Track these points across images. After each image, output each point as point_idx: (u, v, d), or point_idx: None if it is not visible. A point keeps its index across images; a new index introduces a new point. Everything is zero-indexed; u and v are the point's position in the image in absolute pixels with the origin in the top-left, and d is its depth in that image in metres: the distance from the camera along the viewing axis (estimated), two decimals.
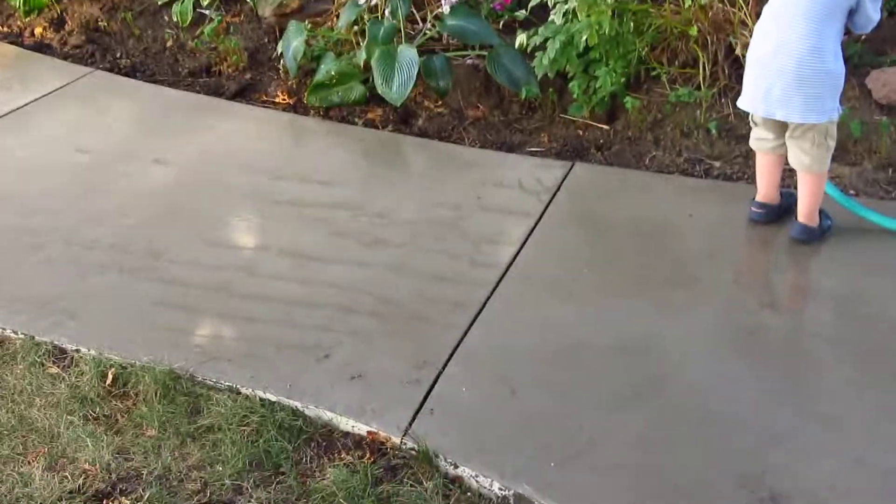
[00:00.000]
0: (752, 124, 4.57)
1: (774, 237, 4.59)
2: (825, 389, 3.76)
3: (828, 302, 4.23)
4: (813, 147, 4.33)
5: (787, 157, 4.51)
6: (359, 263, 4.43)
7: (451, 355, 3.91)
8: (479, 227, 4.66)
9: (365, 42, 5.55)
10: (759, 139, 4.54)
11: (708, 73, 5.55)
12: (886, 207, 4.69)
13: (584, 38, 5.39)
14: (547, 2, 5.53)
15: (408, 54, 5.39)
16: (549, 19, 5.59)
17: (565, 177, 5.00)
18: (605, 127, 5.50)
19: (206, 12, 6.32)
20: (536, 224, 4.64)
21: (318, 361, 3.89)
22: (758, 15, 5.64)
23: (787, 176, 4.71)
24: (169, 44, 6.18)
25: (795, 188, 4.59)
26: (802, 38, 4.11)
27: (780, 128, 4.41)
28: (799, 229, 4.52)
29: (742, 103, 4.43)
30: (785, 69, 4.16)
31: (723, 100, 5.51)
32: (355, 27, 5.83)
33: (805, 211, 4.49)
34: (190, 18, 6.24)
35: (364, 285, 4.30)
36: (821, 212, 4.52)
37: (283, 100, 5.68)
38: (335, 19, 6.03)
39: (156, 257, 4.50)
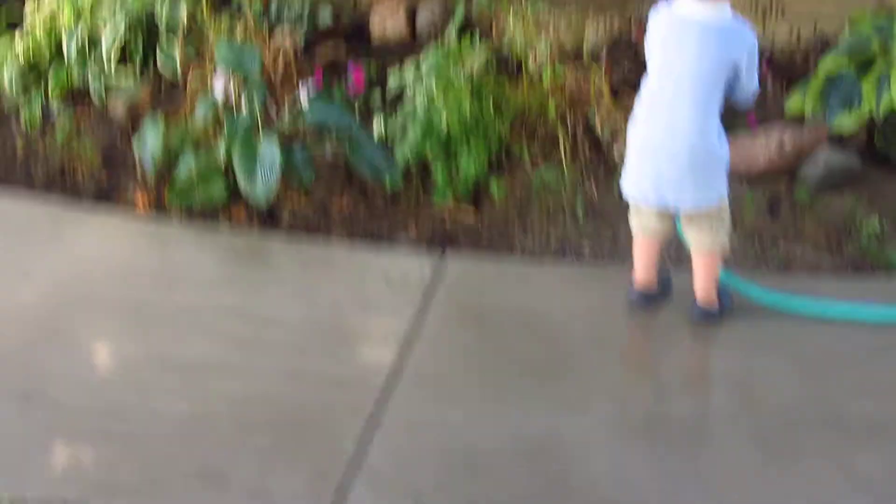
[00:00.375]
0: (633, 209, 4.56)
1: (657, 320, 4.64)
2: (728, 473, 3.81)
3: (721, 383, 4.32)
4: (711, 229, 4.37)
5: (666, 239, 4.57)
6: (246, 372, 4.32)
7: (352, 467, 3.83)
8: (360, 326, 4.63)
9: (223, 137, 5.44)
10: (642, 224, 4.55)
11: (568, 149, 5.60)
12: (757, 278, 4.80)
13: (445, 121, 5.39)
14: (405, 86, 5.52)
15: (269, 149, 5.29)
16: (406, 104, 5.59)
17: (439, 269, 4.97)
18: (471, 213, 5.49)
19: (54, 113, 6.14)
20: (419, 319, 4.60)
21: (216, 484, 3.78)
22: (611, 87, 5.78)
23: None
24: (20, 150, 5.98)
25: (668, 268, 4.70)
26: (689, 122, 4.12)
27: (667, 212, 4.44)
28: (699, 313, 4.56)
29: (629, 191, 4.42)
30: (676, 156, 4.16)
31: (586, 178, 5.56)
32: (210, 121, 5.71)
33: (704, 292, 4.52)
34: (39, 122, 6.07)
35: (255, 396, 4.20)
36: (719, 291, 4.56)
37: (144, 201, 5.53)
38: (189, 114, 5.91)
39: (37, 381, 4.30)
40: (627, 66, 6.51)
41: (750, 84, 4.26)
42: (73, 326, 4.61)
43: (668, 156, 4.19)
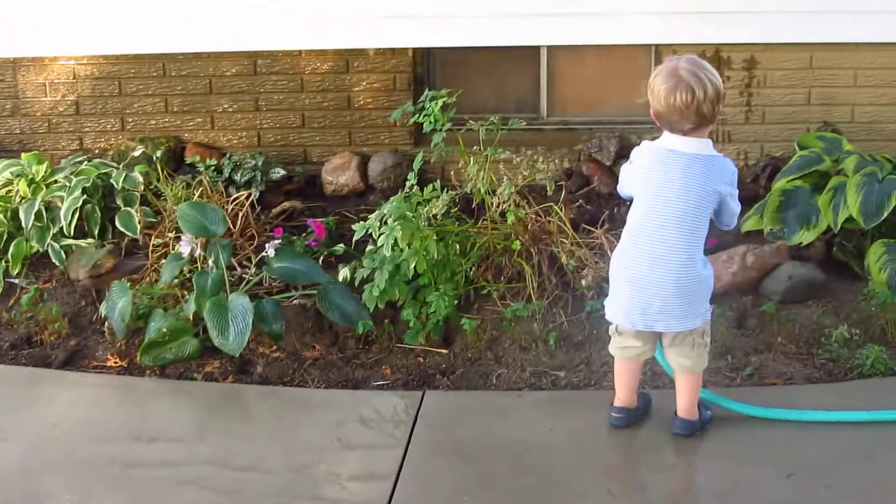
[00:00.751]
0: (614, 334, 4.61)
1: (639, 437, 4.66)
2: None
3: (708, 496, 4.29)
4: (693, 350, 4.45)
5: (646, 359, 4.63)
6: None
7: None
8: (347, 468, 4.54)
9: (193, 295, 5.46)
10: (625, 347, 4.58)
11: (535, 284, 5.66)
12: (735, 393, 4.86)
13: (413, 265, 5.44)
14: (371, 233, 5.57)
15: (240, 302, 5.33)
16: (370, 249, 5.64)
17: (419, 407, 4.96)
18: (444, 351, 5.52)
19: (16, 282, 6.13)
20: (403, 458, 4.55)
21: None
22: (572, 222, 5.87)
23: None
24: None
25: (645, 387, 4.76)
26: (676, 251, 4.24)
27: (650, 336, 4.50)
28: (680, 424, 4.58)
29: (615, 318, 4.50)
30: (663, 283, 4.26)
31: (554, 309, 5.61)
32: (176, 280, 5.73)
33: (686, 406, 4.57)
34: (0, 290, 6.05)
35: None
36: (699, 404, 4.60)
37: (115, 363, 5.49)
38: (154, 274, 5.93)
39: None
40: (584, 200, 6.65)
41: (735, 207, 4.43)
42: (54, 487, 4.49)
43: (656, 285, 4.30)
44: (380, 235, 5.51)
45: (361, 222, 5.68)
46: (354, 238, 5.77)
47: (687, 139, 4.25)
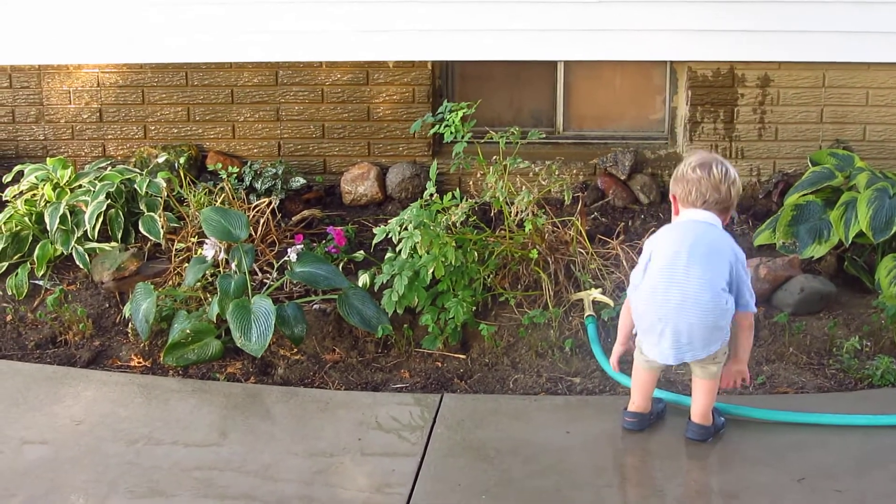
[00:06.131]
0: (640, 353, 4.74)
1: (654, 443, 4.75)
2: None
3: (720, 499, 4.39)
4: (714, 363, 4.60)
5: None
6: None
7: None
8: (367, 468, 4.63)
9: (216, 297, 5.55)
10: (648, 362, 4.71)
11: (552, 293, 5.75)
12: (748, 401, 5.00)
13: (431, 270, 5.54)
14: (392, 238, 5.66)
15: (263, 305, 5.42)
16: (389, 255, 5.74)
17: (437, 409, 5.05)
18: (462, 356, 5.62)
19: (41, 283, 6.24)
20: (423, 459, 4.63)
21: None
22: (588, 233, 5.97)
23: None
24: (9, 318, 6.03)
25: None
26: (704, 289, 4.42)
27: None
28: (695, 429, 4.69)
29: (650, 354, 4.64)
30: (694, 322, 4.45)
31: (570, 317, 5.71)
32: (199, 283, 5.83)
33: (701, 412, 4.68)
34: (25, 291, 6.15)
35: None
36: (713, 410, 4.70)
37: (139, 363, 5.60)
38: (176, 277, 6.04)
39: None
40: (599, 213, 6.76)
41: (746, 291, 4.56)
42: (80, 486, 4.51)
43: (686, 323, 4.46)
44: (399, 241, 5.61)
45: (382, 226, 5.77)
46: (374, 241, 5.88)
47: (706, 212, 4.53)
